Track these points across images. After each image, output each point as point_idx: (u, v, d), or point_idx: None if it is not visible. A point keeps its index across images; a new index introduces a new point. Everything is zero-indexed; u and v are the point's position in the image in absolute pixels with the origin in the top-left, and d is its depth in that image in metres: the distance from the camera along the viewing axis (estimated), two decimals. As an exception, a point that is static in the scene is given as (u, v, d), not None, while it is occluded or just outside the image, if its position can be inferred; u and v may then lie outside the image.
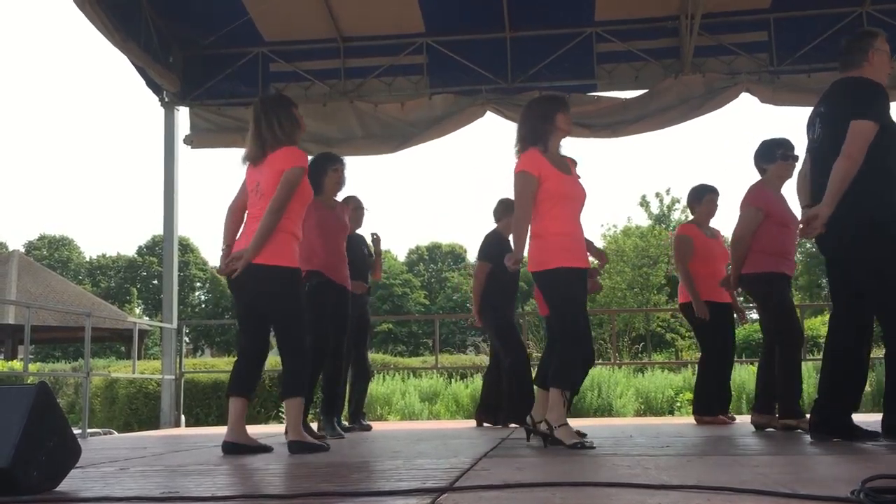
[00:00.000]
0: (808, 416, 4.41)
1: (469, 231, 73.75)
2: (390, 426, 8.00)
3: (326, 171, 5.24)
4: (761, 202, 4.99)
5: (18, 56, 78.27)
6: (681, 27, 7.35)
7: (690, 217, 6.27)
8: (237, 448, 3.93)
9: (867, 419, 4.56)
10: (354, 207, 6.25)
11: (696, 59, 7.44)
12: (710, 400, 5.84)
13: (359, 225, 6.33)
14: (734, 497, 1.98)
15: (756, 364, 5.76)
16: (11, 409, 2.42)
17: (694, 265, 5.82)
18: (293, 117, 4.12)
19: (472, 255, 52.86)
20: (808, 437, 4.16)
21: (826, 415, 3.82)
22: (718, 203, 6.02)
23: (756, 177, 5.20)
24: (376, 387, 12.42)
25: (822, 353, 4.14)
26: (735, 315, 5.92)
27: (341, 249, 5.24)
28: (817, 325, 16.35)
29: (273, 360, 5.55)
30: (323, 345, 4.92)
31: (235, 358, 4.45)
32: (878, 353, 6.12)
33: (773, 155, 5.07)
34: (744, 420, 5.90)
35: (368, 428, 6.35)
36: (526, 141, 4.01)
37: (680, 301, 5.96)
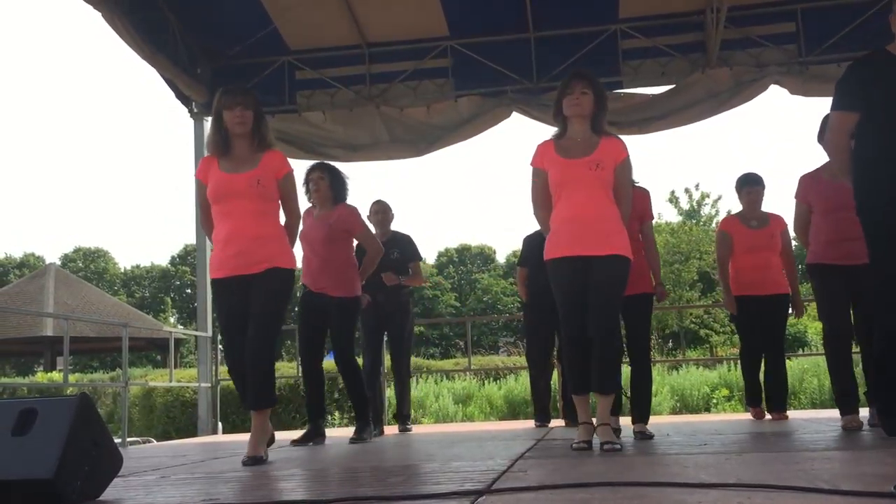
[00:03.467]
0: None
1: (498, 232, 73.70)
2: (425, 429, 8.01)
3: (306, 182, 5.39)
4: (800, 195, 4.82)
5: (50, 71, 79.62)
6: (706, 21, 7.28)
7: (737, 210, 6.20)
8: None
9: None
10: (375, 211, 6.32)
11: (723, 53, 7.36)
12: (748, 393, 6.15)
13: (384, 228, 6.34)
14: (775, 494, 1.96)
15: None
16: (54, 421, 2.46)
17: (736, 258, 5.91)
18: None
19: (501, 257, 52.90)
20: (842, 433, 4.11)
21: None
22: (759, 193, 5.91)
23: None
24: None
25: None
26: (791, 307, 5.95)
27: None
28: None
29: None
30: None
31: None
32: None
33: (821, 133, 4.64)
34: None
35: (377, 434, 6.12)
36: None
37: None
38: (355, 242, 5.51)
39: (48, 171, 78.89)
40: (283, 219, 4.15)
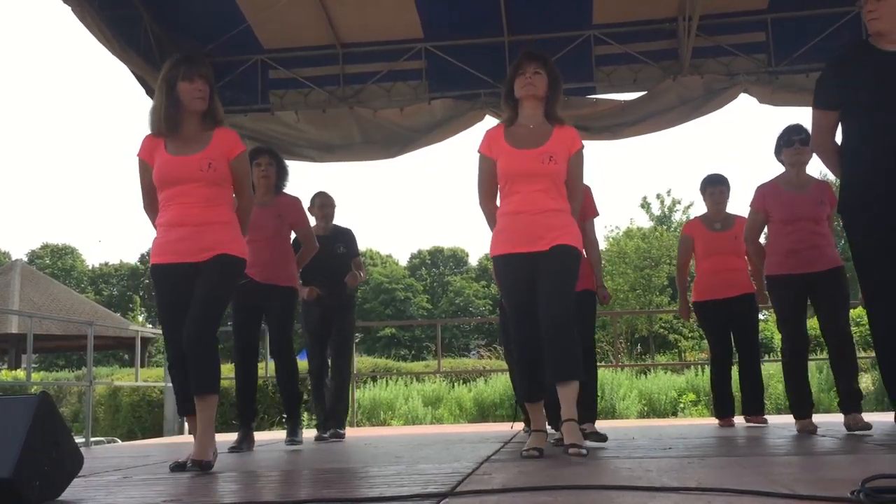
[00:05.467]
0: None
1: (470, 235, 73.83)
2: (393, 431, 8.00)
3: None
4: (758, 203, 4.92)
5: (21, 65, 78.47)
6: (679, 29, 7.36)
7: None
8: None
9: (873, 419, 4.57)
10: (320, 205, 6.03)
11: (695, 61, 7.44)
12: (719, 402, 5.75)
13: (328, 222, 6.04)
14: (735, 498, 1.98)
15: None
16: (13, 420, 2.43)
17: (698, 262, 5.79)
18: None
19: (473, 259, 52.99)
20: (810, 437, 4.16)
21: None
22: (724, 193, 5.75)
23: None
24: (380, 392, 12.44)
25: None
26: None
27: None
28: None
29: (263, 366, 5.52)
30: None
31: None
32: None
33: (778, 146, 4.91)
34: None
35: (340, 437, 5.82)
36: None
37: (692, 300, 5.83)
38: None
39: (15, 166, 77.76)
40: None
